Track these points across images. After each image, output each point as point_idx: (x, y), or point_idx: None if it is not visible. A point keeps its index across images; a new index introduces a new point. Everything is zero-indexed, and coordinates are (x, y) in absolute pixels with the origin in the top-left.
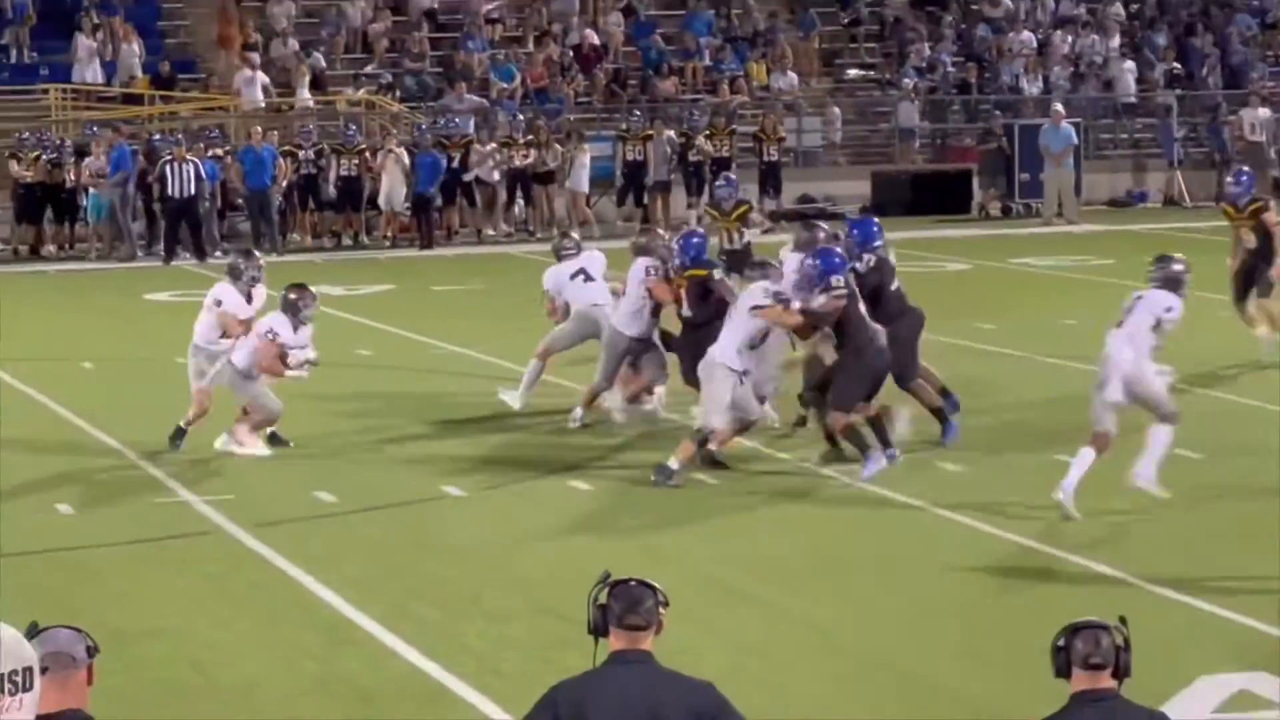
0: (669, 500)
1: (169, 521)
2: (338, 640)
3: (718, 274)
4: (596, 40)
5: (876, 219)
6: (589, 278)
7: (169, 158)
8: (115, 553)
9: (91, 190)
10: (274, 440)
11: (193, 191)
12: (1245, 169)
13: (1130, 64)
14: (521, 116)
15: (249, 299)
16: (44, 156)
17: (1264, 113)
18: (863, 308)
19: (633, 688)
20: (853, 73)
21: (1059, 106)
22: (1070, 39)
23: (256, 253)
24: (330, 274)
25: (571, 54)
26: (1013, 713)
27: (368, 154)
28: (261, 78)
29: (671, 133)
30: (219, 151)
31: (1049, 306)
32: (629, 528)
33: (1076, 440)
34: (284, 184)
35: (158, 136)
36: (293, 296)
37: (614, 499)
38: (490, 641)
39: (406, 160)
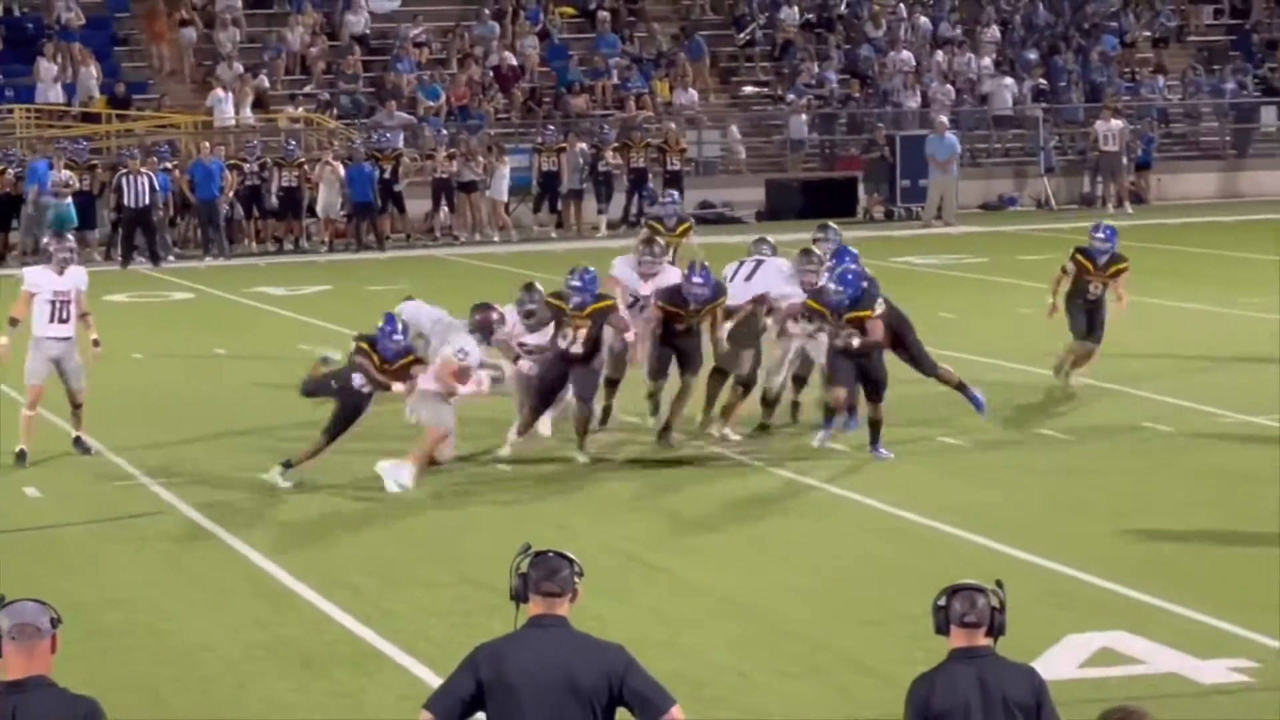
0: (583, 482)
1: (127, 503)
2: (280, 608)
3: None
4: (514, 61)
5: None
6: None
7: (125, 171)
8: (78, 531)
9: (54, 200)
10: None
11: (147, 202)
12: (1110, 225)
13: (1009, 80)
14: (446, 131)
15: (60, 273)
16: (10, 170)
17: (1116, 124)
18: None
19: (548, 649)
20: (748, 89)
21: (944, 118)
22: (947, 58)
23: (69, 236)
24: (273, 276)
25: (492, 74)
26: (897, 669)
27: (306, 166)
28: (231, 97)
29: (583, 145)
30: (169, 165)
31: (928, 301)
32: (547, 505)
33: (953, 423)
34: (230, 194)
35: (124, 151)
36: (479, 319)
37: (534, 480)
38: (420, 609)
39: (342, 172)
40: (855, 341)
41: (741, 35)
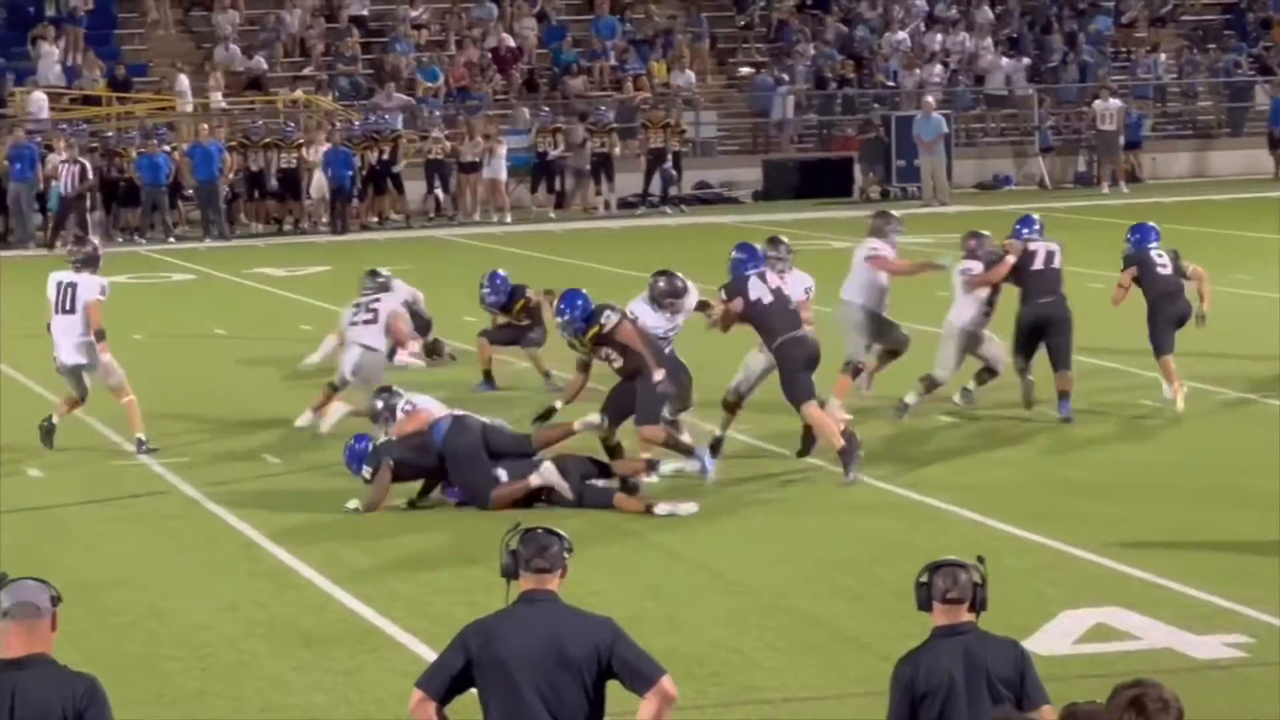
0: None
1: (129, 483)
2: (281, 587)
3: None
4: (512, 43)
5: (1154, 225)
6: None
7: (64, 159)
8: (80, 511)
9: (54, 183)
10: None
11: (74, 190)
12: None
13: (1005, 60)
14: (439, 114)
15: None
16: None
17: (1114, 103)
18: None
19: (538, 623)
20: (745, 70)
21: (929, 99)
22: (941, 37)
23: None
24: (273, 257)
25: (490, 56)
26: (889, 645)
27: (305, 149)
28: (188, 82)
29: (581, 127)
30: (167, 148)
31: (924, 279)
32: None
33: (948, 399)
34: (230, 176)
35: (126, 134)
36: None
37: None
38: (418, 587)
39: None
40: (618, 364)
41: (742, 17)
